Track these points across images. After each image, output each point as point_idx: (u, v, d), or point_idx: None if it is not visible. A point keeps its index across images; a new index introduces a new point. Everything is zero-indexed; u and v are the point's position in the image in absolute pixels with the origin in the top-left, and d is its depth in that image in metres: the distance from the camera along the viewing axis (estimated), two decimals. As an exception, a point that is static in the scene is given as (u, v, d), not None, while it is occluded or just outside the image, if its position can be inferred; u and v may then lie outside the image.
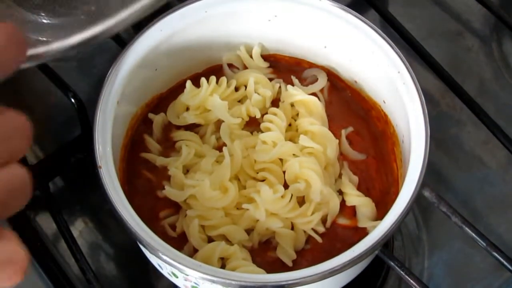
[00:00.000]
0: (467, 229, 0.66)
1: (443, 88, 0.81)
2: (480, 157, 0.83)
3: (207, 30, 0.71)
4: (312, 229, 0.66)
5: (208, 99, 0.70)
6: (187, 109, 0.72)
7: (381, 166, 0.70)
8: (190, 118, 0.70)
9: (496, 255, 0.67)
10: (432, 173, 0.75)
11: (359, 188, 0.69)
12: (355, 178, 0.69)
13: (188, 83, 0.71)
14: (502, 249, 0.67)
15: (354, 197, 0.67)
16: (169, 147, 0.71)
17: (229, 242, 0.65)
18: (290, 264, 0.65)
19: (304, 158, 0.66)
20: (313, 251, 0.66)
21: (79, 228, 0.77)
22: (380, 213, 0.66)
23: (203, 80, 0.71)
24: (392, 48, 0.67)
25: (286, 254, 0.65)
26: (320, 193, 0.65)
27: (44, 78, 0.77)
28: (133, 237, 0.58)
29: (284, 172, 0.67)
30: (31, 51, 0.59)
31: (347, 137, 0.71)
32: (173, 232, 0.66)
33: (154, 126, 0.71)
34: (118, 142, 0.67)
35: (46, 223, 0.76)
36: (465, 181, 0.81)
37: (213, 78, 0.71)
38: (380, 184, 0.69)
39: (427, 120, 0.63)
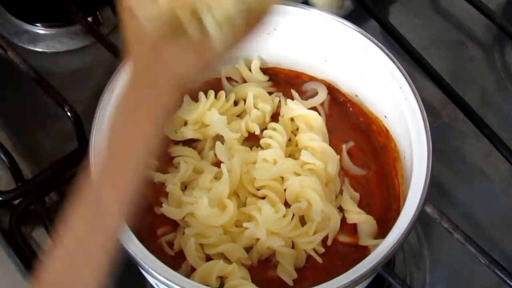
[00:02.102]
0: (469, 246, 0.66)
1: (445, 99, 0.81)
2: (483, 170, 0.82)
3: (205, 44, 0.70)
4: (313, 248, 0.65)
5: (206, 113, 0.69)
6: (185, 123, 0.70)
7: (382, 181, 0.69)
8: (188, 133, 0.69)
9: (498, 272, 0.66)
10: (433, 186, 0.73)
11: (360, 203, 0.68)
12: (356, 195, 0.68)
13: (186, 98, 0.70)
14: (504, 264, 0.66)
15: (355, 215, 0.66)
16: (166, 162, 0.70)
17: (227, 260, 0.64)
18: (290, 283, 0.63)
19: (304, 177, 0.65)
20: (313, 269, 0.65)
21: (76, 244, 0.76)
22: (382, 230, 0.65)
23: (201, 94, 0.70)
24: (394, 62, 0.66)
25: (287, 273, 0.64)
26: (321, 212, 0.64)
27: (41, 90, 0.76)
28: (130, 258, 0.57)
29: (284, 190, 0.66)
30: None
31: (348, 152, 0.70)
32: (170, 250, 0.65)
33: (152, 141, 0.70)
34: (115, 158, 0.66)
35: (42, 238, 0.75)
36: (467, 194, 0.80)
37: (211, 92, 0.70)
38: (381, 200, 0.68)
39: (429, 136, 0.62)
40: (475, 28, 0.92)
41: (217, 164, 0.68)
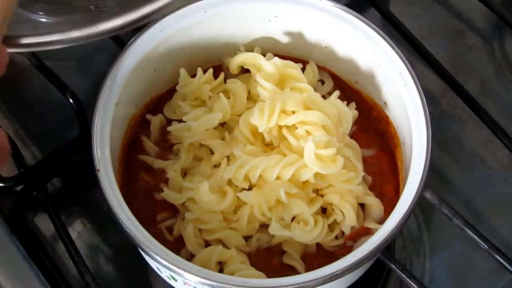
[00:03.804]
0: (468, 231, 0.66)
1: (445, 87, 0.81)
2: (482, 157, 0.82)
3: (206, 31, 0.70)
4: None
5: (202, 87, 0.69)
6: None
7: (391, 160, 0.70)
8: (185, 108, 0.69)
9: (498, 257, 0.66)
10: (433, 172, 0.74)
11: (372, 184, 0.68)
12: (369, 178, 0.68)
13: (182, 71, 0.70)
14: (504, 250, 0.66)
15: (365, 196, 0.66)
16: (166, 148, 0.70)
17: (225, 247, 0.64)
18: (302, 271, 0.64)
19: (345, 190, 0.65)
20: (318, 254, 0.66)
21: (78, 230, 0.76)
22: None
23: (199, 69, 0.70)
24: (393, 49, 0.66)
25: (295, 261, 0.64)
26: (351, 229, 0.65)
27: (43, 77, 0.76)
28: (132, 242, 0.58)
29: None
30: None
31: (352, 136, 0.70)
32: (170, 236, 0.65)
33: (152, 127, 0.70)
34: (117, 144, 0.67)
35: (44, 225, 0.76)
36: (467, 182, 0.80)
37: (210, 70, 0.71)
38: (393, 179, 0.69)
39: (429, 122, 0.62)
40: (475, 17, 0.92)
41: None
